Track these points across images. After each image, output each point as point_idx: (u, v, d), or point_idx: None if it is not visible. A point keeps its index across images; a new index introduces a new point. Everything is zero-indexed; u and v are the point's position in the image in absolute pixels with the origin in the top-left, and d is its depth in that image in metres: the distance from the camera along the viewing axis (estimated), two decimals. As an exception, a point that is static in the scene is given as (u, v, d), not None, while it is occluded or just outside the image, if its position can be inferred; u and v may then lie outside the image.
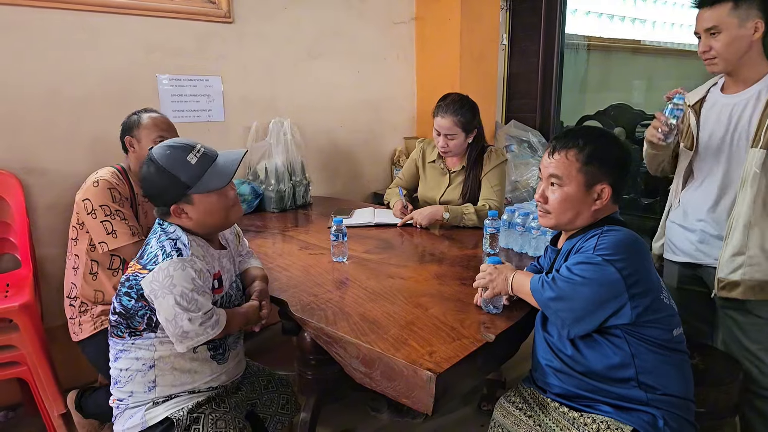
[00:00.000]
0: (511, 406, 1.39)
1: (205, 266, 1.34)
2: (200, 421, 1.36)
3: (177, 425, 1.33)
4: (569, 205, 1.32)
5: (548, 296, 1.27)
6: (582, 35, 4.91)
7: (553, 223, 1.37)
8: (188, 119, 2.69)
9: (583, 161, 1.30)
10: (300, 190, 2.85)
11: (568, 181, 1.31)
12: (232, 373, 1.51)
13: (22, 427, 2.20)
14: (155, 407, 1.36)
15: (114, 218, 1.80)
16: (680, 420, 1.23)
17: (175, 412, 1.35)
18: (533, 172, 3.48)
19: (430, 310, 1.43)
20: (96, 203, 1.80)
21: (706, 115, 1.74)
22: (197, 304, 1.28)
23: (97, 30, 2.36)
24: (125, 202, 1.87)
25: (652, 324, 1.23)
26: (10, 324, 1.90)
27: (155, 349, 1.35)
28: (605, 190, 1.30)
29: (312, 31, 3.12)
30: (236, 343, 1.54)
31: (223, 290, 1.44)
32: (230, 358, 1.49)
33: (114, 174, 1.89)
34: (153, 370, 1.36)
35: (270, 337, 2.95)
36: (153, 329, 1.33)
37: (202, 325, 1.28)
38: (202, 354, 1.41)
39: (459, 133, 2.30)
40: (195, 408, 1.38)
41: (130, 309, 1.32)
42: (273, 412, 1.63)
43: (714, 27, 1.59)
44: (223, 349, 1.46)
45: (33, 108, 2.24)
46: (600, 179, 1.30)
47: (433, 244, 2.11)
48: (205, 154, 1.38)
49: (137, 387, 1.36)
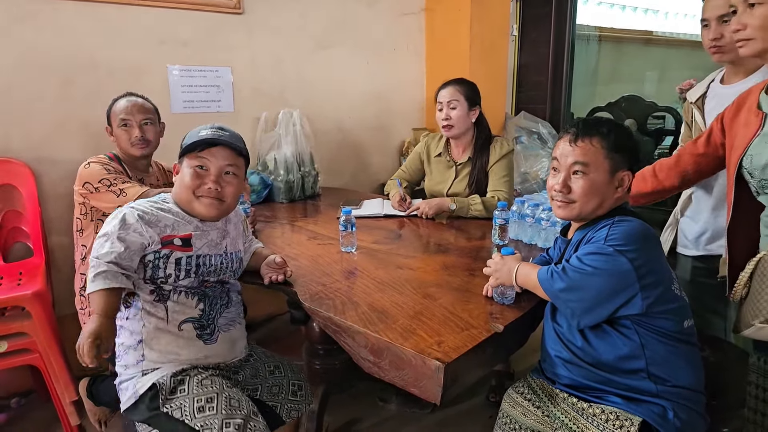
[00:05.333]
0: (520, 396, 1.39)
1: (152, 228, 1.36)
2: (185, 382, 1.37)
3: (161, 389, 1.35)
4: (596, 192, 1.30)
5: (558, 287, 1.26)
6: (593, 26, 4.86)
7: (577, 213, 1.33)
8: (198, 110, 2.69)
9: (609, 147, 1.29)
10: (309, 180, 2.85)
11: (595, 168, 1.29)
12: (222, 355, 1.49)
13: (34, 414, 2.23)
14: (144, 377, 1.38)
15: (116, 183, 1.87)
16: (690, 412, 1.23)
17: (160, 378, 1.36)
18: (543, 163, 3.46)
19: (438, 301, 1.43)
20: (95, 180, 1.87)
21: (709, 109, 1.73)
22: (103, 240, 1.31)
23: (108, 21, 2.37)
24: (120, 174, 1.93)
25: (663, 315, 1.23)
26: (23, 312, 1.92)
27: (143, 324, 1.38)
28: (627, 177, 1.30)
29: (321, 21, 3.11)
30: (229, 326, 1.51)
31: (192, 251, 1.42)
32: (220, 341, 1.47)
33: (104, 157, 1.97)
34: (141, 345, 1.38)
35: (279, 327, 2.98)
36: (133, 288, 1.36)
37: (96, 257, 1.29)
38: (188, 332, 1.41)
39: (461, 101, 2.30)
40: (179, 372, 1.38)
41: None
42: (282, 399, 1.61)
43: (728, 14, 1.54)
44: (211, 330, 1.46)
45: (45, 98, 2.26)
46: (622, 166, 1.30)
47: (441, 234, 2.11)
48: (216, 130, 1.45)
49: (130, 360, 1.39)
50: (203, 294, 1.45)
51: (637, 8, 5.85)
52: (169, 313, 1.39)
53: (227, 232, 1.54)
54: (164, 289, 1.39)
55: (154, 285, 1.38)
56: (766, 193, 1.31)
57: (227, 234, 1.54)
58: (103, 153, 2.01)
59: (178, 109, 2.63)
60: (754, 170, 1.30)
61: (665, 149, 4.25)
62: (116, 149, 2.04)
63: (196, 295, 1.43)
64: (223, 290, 1.52)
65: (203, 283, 1.45)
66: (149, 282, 1.38)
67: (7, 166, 2.18)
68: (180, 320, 1.40)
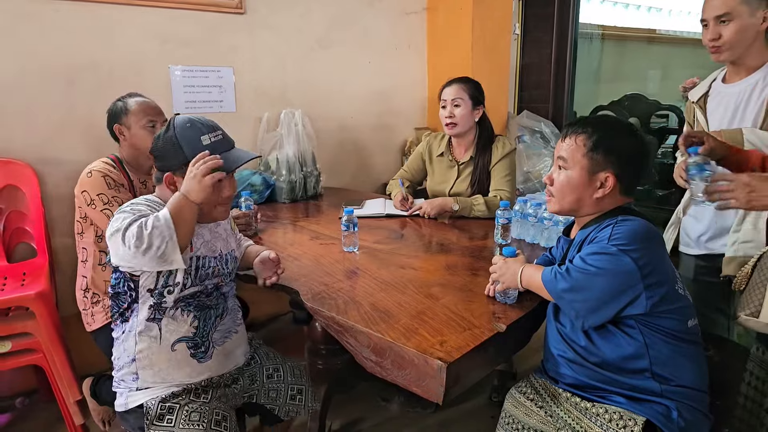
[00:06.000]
0: (522, 396, 1.38)
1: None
2: (174, 412, 1.34)
3: (147, 413, 1.33)
4: (570, 189, 1.33)
5: (562, 287, 1.25)
6: (596, 24, 4.85)
7: (557, 208, 1.38)
8: (200, 110, 2.70)
9: (589, 147, 1.30)
10: (311, 180, 2.85)
11: (572, 164, 1.32)
12: (216, 370, 1.46)
13: (38, 413, 2.24)
14: (137, 392, 1.37)
15: (112, 205, 1.81)
16: (694, 411, 1.22)
17: (149, 401, 1.35)
18: (546, 162, 3.46)
19: (440, 300, 1.42)
20: (93, 193, 1.81)
21: (712, 108, 1.74)
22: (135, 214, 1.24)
23: (110, 21, 2.37)
24: (121, 188, 1.87)
25: (667, 314, 1.22)
26: (27, 312, 1.93)
27: (135, 343, 1.35)
28: (609, 179, 1.29)
29: (323, 21, 3.11)
30: (225, 339, 1.48)
31: (193, 250, 1.38)
32: (214, 356, 1.44)
33: (107, 163, 1.90)
34: (134, 364, 1.36)
35: (281, 326, 2.98)
36: (136, 300, 1.33)
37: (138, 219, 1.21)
38: (181, 352, 1.38)
39: (465, 99, 2.30)
40: (169, 398, 1.36)
41: (115, 285, 1.34)
42: (281, 402, 1.60)
43: (726, 14, 1.57)
44: (205, 347, 1.42)
45: (48, 99, 2.26)
46: (604, 167, 1.29)
47: (443, 234, 2.11)
48: (220, 141, 1.37)
49: (125, 375, 1.38)
50: (200, 307, 1.41)
51: (640, 6, 5.83)
52: (162, 332, 1.36)
53: (218, 234, 1.50)
54: (163, 305, 1.35)
55: (155, 298, 1.34)
56: None
57: (218, 235, 1.50)
58: (106, 155, 1.96)
59: (180, 109, 2.64)
60: None
61: (668, 148, 4.24)
62: (121, 150, 1.98)
63: (192, 310, 1.39)
64: (220, 297, 1.48)
65: (202, 290, 1.41)
66: (153, 294, 1.33)
67: (11, 167, 2.18)
68: (173, 340, 1.37)
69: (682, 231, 1.90)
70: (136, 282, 1.32)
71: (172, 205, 1.24)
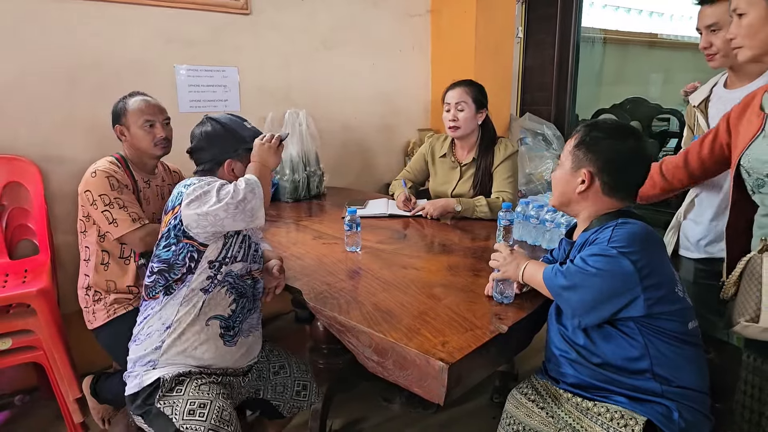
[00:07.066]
0: (524, 397, 1.39)
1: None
2: (184, 383, 1.38)
3: (162, 385, 1.37)
4: (557, 182, 1.41)
5: (560, 284, 1.27)
6: (598, 28, 4.86)
7: (552, 201, 1.46)
8: (205, 109, 2.70)
9: (574, 144, 1.37)
10: (314, 180, 2.86)
11: (563, 160, 1.40)
12: (235, 361, 1.50)
13: (38, 411, 2.24)
14: (153, 370, 1.39)
15: (113, 207, 1.80)
16: (695, 412, 1.22)
17: (165, 374, 1.38)
18: (548, 164, 3.46)
19: (442, 301, 1.43)
20: (96, 193, 1.80)
21: (713, 113, 1.74)
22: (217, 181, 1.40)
23: (116, 20, 2.38)
24: (124, 189, 1.86)
25: (666, 316, 1.23)
26: (28, 309, 1.93)
27: (176, 311, 1.39)
28: (585, 174, 1.33)
29: (328, 22, 3.12)
30: (250, 331, 1.53)
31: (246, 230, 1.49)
32: (238, 344, 1.49)
33: (112, 162, 1.89)
34: (167, 332, 1.39)
35: (283, 325, 2.98)
36: (192, 270, 1.38)
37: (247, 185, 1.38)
38: (213, 329, 1.43)
39: (469, 103, 2.31)
40: (184, 374, 1.40)
41: (170, 258, 1.38)
42: (287, 398, 1.63)
43: (714, 24, 1.61)
44: (234, 332, 1.47)
45: (52, 97, 2.27)
46: (585, 164, 1.33)
47: (445, 235, 2.11)
48: (255, 127, 1.59)
49: (149, 345, 1.40)
50: (241, 292, 1.47)
51: (642, 11, 5.85)
52: (203, 306, 1.41)
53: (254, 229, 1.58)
54: (217, 278, 1.42)
55: (212, 270, 1.40)
56: (761, 192, 1.32)
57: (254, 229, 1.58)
58: (110, 153, 1.95)
59: (185, 108, 2.65)
60: (752, 169, 1.32)
61: (670, 151, 4.24)
62: (124, 149, 1.97)
63: (233, 293, 1.45)
64: (255, 290, 1.54)
65: (247, 273, 1.49)
66: (212, 266, 1.40)
67: (15, 164, 2.19)
68: (210, 315, 1.42)
69: (681, 235, 1.91)
70: (201, 252, 1.39)
71: (255, 171, 1.46)
